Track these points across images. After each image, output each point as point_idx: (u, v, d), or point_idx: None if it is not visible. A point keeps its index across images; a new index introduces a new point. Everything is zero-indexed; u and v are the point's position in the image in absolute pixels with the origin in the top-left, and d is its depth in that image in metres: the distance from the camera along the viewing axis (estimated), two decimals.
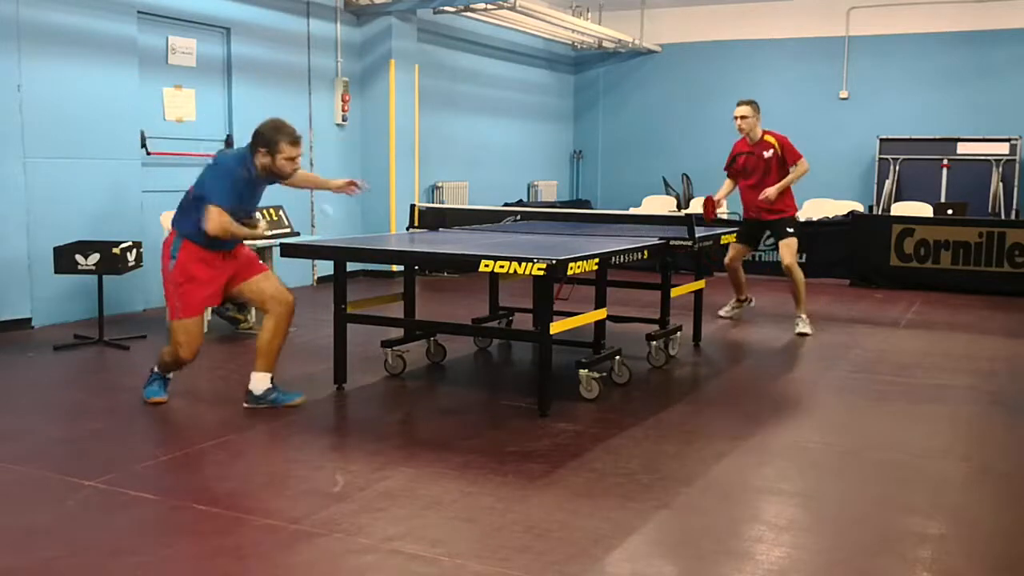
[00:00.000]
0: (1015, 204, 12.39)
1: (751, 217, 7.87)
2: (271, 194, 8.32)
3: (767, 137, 7.67)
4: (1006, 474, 4.36)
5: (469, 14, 11.27)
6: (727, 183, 7.97)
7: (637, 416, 5.09)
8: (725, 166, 7.96)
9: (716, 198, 7.76)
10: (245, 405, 5.12)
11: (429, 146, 11.56)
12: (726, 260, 8.03)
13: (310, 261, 9.85)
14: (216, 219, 4.84)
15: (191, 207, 4.98)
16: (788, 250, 7.59)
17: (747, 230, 7.88)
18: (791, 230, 7.68)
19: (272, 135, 4.97)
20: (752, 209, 7.80)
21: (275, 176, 5.10)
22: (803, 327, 7.55)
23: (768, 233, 8.01)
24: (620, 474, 4.15)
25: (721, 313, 8.23)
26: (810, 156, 14.32)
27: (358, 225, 10.79)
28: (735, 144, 7.89)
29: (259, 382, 5.11)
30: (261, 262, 5.37)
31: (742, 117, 7.63)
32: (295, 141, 5.02)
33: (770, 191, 7.50)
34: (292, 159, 5.02)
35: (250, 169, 5.02)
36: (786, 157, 7.62)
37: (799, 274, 7.63)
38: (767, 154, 7.61)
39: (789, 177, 7.59)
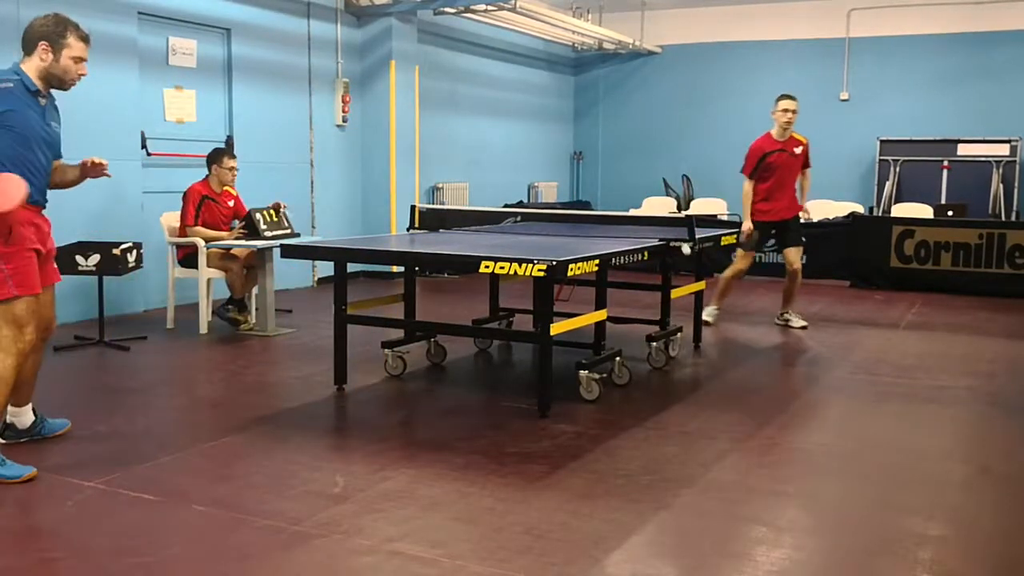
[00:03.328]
0: (1015, 205, 12.39)
1: (771, 220, 7.61)
2: (272, 194, 8.36)
3: (795, 135, 7.60)
4: (1006, 475, 4.36)
5: (469, 15, 11.27)
6: (749, 191, 7.53)
7: (637, 417, 5.09)
8: (749, 168, 7.54)
9: (748, 229, 7.51)
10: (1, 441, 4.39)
11: (429, 147, 11.56)
12: (738, 272, 7.75)
13: (310, 262, 9.86)
14: None
15: None
16: (799, 252, 7.65)
17: (762, 235, 7.65)
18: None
19: (55, 26, 4.07)
20: (777, 211, 7.57)
21: (57, 84, 4.11)
22: (799, 321, 7.71)
23: (773, 233, 7.79)
24: (620, 475, 4.15)
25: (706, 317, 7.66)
26: (811, 157, 14.39)
27: (358, 226, 10.80)
28: (758, 143, 7.59)
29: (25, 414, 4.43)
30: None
31: (794, 111, 7.48)
32: (85, 37, 4.12)
33: (808, 205, 7.61)
34: (81, 60, 4.09)
35: (25, 81, 4.02)
36: (806, 157, 7.66)
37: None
38: (797, 151, 7.55)
39: (808, 183, 7.70)
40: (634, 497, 3.89)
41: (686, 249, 5.91)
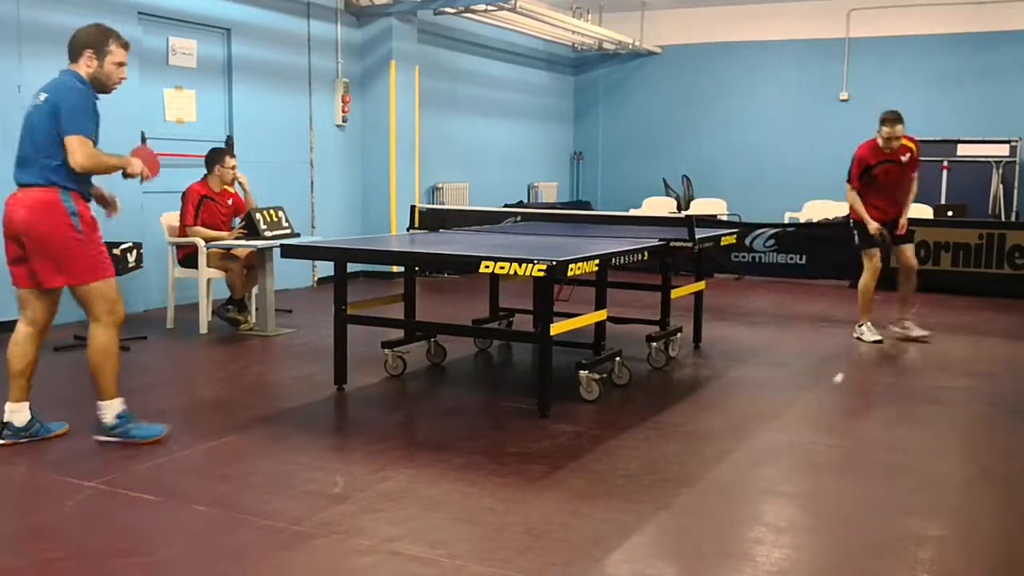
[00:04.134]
0: (1015, 206, 12.39)
1: (881, 219, 7.31)
2: (271, 194, 8.36)
3: (904, 141, 7.24)
4: (1006, 476, 4.36)
5: (469, 15, 11.27)
6: (855, 196, 7.33)
7: (637, 417, 5.09)
8: (854, 178, 7.32)
9: (876, 229, 7.27)
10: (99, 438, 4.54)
11: (429, 147, 11.56)
12: (875, 272, 7.37)
13: (310, 262, 9.86)
14: (83, 149, 4.22)
15: (56, 154, 4.27)
16: (913, 248, 7.40)
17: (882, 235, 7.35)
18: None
19: (98, 35, 4.42)
20: (885, 213, 7.32)
21: (100, 88, 4.45)
22: (918, 330, 7.35)
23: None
24: (620, 475, 4.15)
25: (872, 338, 7.34)
26: (810, 157, 14.38)
27: (358, 226, 10.80)
28: (863, 152, 7.30)
29: (111, 409, 4.53)
30: None
31: (897, 137, 7.09)
32: (125, 44, 4.49)
33: (904, 221, 7.28)
34: (122, 65, 4.47)
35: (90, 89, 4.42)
36: (915, 162, 7.27)
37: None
38: (905, 158, 7.21)
39: (914, 191, 7.33)
40: (634, 497, 3.89)
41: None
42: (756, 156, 14.14)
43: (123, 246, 6.70)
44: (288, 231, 7.55)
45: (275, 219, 7.50)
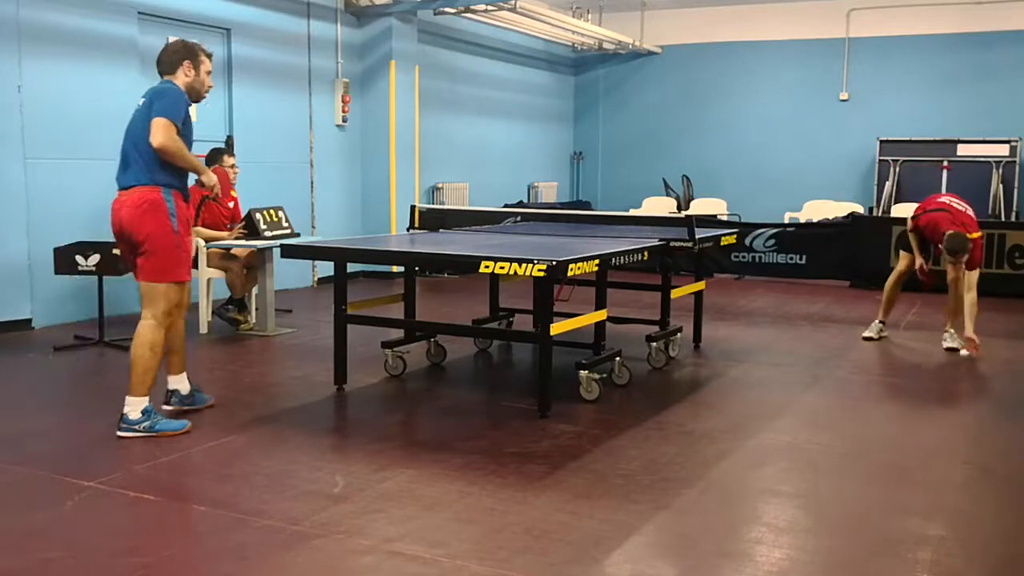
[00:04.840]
0: (1015, 206, 12.39)
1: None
2: (271, 194, 8.36)
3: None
4: (1006, 476, 4.36)
5: (469, 15, 11.28)
6: (911, 235, 7.26)
7: (637, 417, 5.09)
8: (911, 225, 7.27)
9: (922, 264, 7.22)
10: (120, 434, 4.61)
11: (429, 147, 11.56)
12: (898, 275, 7.41)
13: (310, 262, 9.86)
14: (166, 131, 4.45)
15: (155, 155, 4.52)
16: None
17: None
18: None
19: (190, 48, 4.76)
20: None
21: (195, 96, 4.78)
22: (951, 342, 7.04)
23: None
24: (620, 475, 4.15)
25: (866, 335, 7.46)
26: (811, 157, 14.37)
27: (358, 226, 10.80)
28: (929, 225, 7.07)
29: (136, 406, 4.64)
30: None
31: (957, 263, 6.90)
32: (211, 54, 4.88)
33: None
34: (210, 73, 4.84)
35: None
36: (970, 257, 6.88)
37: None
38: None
39: (972, 302, 6.80)
40: (634, 497, 3.89)
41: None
42: (756, 156, 14.15)
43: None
44: (288, 231, 7.54)
45: (275, 219, 7.50)
